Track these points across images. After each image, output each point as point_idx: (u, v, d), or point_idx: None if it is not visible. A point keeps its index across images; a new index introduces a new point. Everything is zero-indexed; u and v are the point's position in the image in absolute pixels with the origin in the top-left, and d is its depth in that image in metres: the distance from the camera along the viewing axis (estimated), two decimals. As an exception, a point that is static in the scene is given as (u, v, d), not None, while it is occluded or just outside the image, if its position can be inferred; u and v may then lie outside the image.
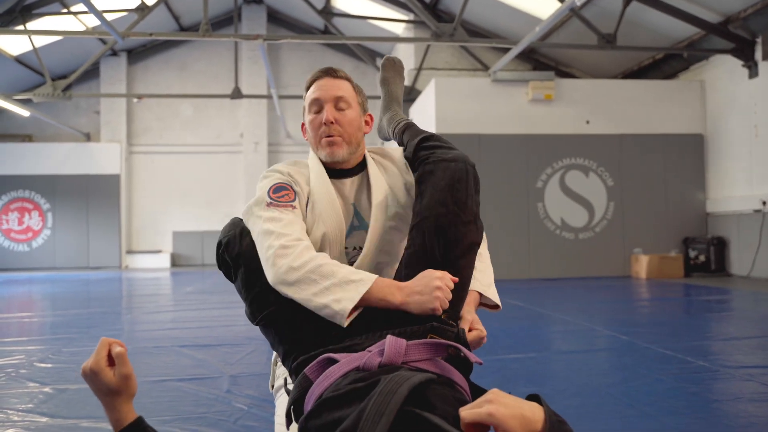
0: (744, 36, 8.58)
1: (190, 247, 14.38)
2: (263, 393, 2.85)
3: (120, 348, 1.32)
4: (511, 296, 6.94)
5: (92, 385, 1.32)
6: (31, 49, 11.17)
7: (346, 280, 1.52)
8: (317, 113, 1.80)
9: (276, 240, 1.58)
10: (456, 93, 9.71)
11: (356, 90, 1.86)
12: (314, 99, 1.80)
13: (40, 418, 2.55)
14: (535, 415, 1.15)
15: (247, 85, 14.26)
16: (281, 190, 1.72)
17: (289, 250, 1.55)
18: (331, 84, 1.80)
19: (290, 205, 1.69)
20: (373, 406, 1.16)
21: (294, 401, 1.44)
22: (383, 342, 1.40)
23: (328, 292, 1.50)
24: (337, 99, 1.79)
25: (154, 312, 6.21)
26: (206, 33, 8.31)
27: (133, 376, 1.32)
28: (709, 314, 5.57)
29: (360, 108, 1.86)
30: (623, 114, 9.87)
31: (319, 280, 1.51)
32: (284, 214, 1.66)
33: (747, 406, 2.55)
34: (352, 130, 1.80)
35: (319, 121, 1.79)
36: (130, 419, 1.32)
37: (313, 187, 1.77)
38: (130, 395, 1.32)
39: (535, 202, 9.69)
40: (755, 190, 8.70)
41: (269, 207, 1.67)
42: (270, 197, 1.70)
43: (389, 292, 1.52)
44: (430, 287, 1.51)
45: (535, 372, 3.29)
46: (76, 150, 14.17)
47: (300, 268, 1.53)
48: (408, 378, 1.24)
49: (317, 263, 1.54)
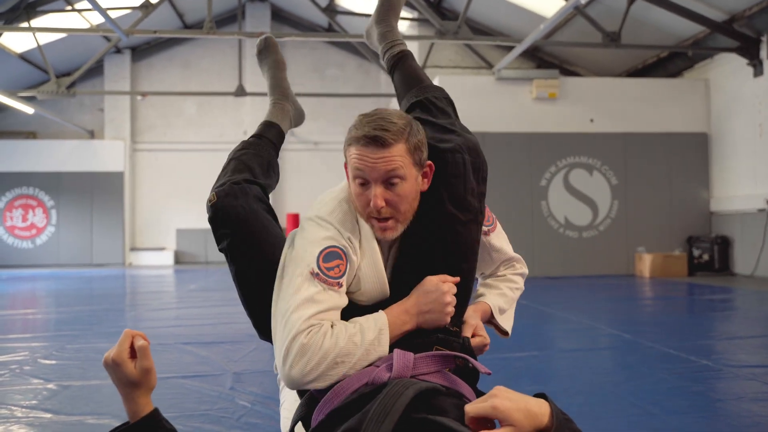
0: (749, 34, 8.55)
1: (194, 245, 14.39)
2: (266, 390, 2.86)
3: (143, 341, 1.34)
4: (515, 295, 6.92)
5: (113, 376, 1.33)
6: (35, 47, 11.16)
7: (367, 344, 1.39)
8: (364, 188, 1.48)
9: (299, 331, 1.36)
10: (460, 91, 9.69)
11: (411, 148, 1.48)
12: (358, 170, 1.46)
13: (44, 414, 2.55)
14: (541, 409, 1.15)
15: (250, 83, 14.26)
16: (334, 259, 1.45)
17: (305, 353, 1.35)
18: (379, 157, 1.44)
19: (337, 284, 1.44)
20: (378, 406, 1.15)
21: (300, 418, 1.43)
22: (391, 356, 1.38)
23: (357, 365, 1.38)
24: (386, 176, 1.45)
25: (157, 309, 6.22)
26: (210, 30, 8.31)
27: (154, 369, 1.34)
28: (713, 313, 5.56)
29: (416, 169, 1.50)
30: (627, 112, 9.85)
31: (345, 361, 1.36)
32: (327, 293, 1.42)
33: (750, 406, 2.54)
34: (407, 207, 1.49)
35: (366, 199, 1.48)
36: (146, 411, 1.32)
37: (363, 256, 1.52)
38: (149, 388, 1.33)
39: (539, 200, 9.68)
40: (759, 189, 8.67)
41: (314, 279, 1.42)
42: (319, 267, 1.43)
43: (402, 322, 1.45)
44: (441, 303, 1.45)
45: (538, 370, 3.29)
46: (79, 147, 14.19)
47: (318, 366, 1.35)
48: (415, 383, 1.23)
49: (337, 347, 1.36)
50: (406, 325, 1.45)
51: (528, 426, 1.13)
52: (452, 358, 1.42)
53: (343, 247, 1.47)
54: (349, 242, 1.49)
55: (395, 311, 1.46)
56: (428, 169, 1.55)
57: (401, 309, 1.47)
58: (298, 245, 1.48)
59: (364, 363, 1.38)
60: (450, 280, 1.50)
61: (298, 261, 1.45)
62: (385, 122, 1.45)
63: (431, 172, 1.56)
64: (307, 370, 1.34)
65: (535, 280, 9.05)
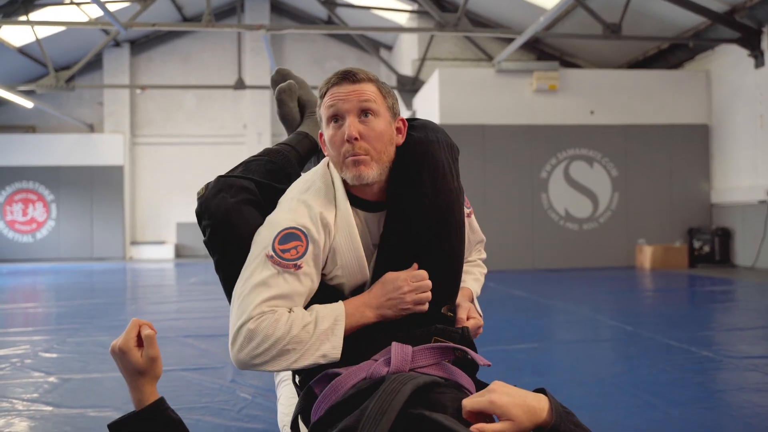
0: (750, 25, 8.52)
1: (194, 238, 14.37)
2: (267, 383, 2.86)
3: (149, 330, 1.34)
4: (515, 287, 6.93)
5: (119, 364, 1.34)
6: (33, 40, 11.14)
7: (320, 333, 1.39)
8: (338, 128, 1.50)
9: (246, 315, 1.37)
10: (460, 83, 9.67)
11: (383, 92, 1.54)
12: (333, 109, 1.49)
13: (45, 407, 2.56)
14: (539, 403, 1.15)
15: (250, 76, 14.22)
16: (291, 241, 1.44)
17: (252, 338, 1.36)
18: (351, 90, 1.48)
19: (293, 266, 1.42)
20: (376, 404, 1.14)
21: (299, 413, 1.42)
22: (389, 350, 1.38)
23: (309, 353, 1.38)
24: (361, 109, 1.48)
25: (158, 303, 6.22)
26: (209, 23, 8.28)
27: (160, 358, 1.35)
28: (714, 305, 5.56)
29: (389, 113, 1.53)
30: (628, 104, 9.82)
31: (296, 348, 1.37)
32: (282, 277, 1.41)
33: (751, 396, 2.54)
34: (382, 146, 1.49)
35: (340, 137, 1.48)
36: (152, 399, 1.34)
37: (338, 229, 1.50)
38: (154, 377, 1.35)
39: (540, 192, 9.66)
40: (760, 181, 8.66)
41: (269, 262, 1.42)
42: (274, 249, 1.42)
43: (361, 314, 1.45)
44: (398, 292, 1.45)
45: (539, 362, 3.29)
46: (79, 141, 14.17)
47: (267, 352, 1.36)
48: (413, 377, 1.23)
49: (285, 335, 1.36)
50: (364, 318, 1.45)
51: (526, 421, 1.13)
52: (451, 350, 1.42)
53: (303, 227, 1.45)
54: (320, 219, 1.47)
55: (355, 303, 1.47)
56: (401, 124, 1.57)
57: (361, 301, 1.47)
58: (262, 228, 1.49)
59: (316, 351, 1.38)
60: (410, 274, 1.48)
61: (257, 244, 1.46)
62: (356, 68, 1.52)
63: (404, 128, 1.57)
64: (255, 354, 1.36)
65: (535, 272, 9.05)
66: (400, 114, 1.59)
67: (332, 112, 1.49)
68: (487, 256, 1.92)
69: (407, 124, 1.60)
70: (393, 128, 1.55)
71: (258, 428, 2.26)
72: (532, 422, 1.13)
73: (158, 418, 1.33)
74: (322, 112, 1.54)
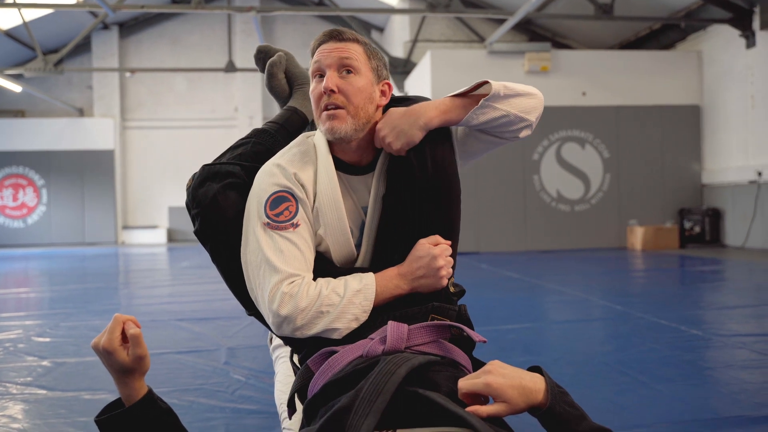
0: (741, 5, 8.51)
1: (186, 223, 14.32)
2: (261, 365, 2.87)
3: (135, 329, 1.28)
4: (507, 268, 6.97)
5: (105, 362, 1.30)
6: (21, 23, 11.01)
7: (350, 295, 1.41)
8: (319, 82, 1.52)
9: (276, 278, 1.41)
10: (452, 65, 9.64)
11: (369, 53, 1.55)
12: (317, 64, 1.52)
13: (39, 390, 2.56)
14: (536, 384, 1.16)
15: (241, 59, 14.11)
16: (280, 204, 1.47)
17: (292, 298, 1.39)
18: (335, 47, 1.51)
19: (290, 225, 1.46)
20: (371, 385, 1.14)
21: (297, 391, 1.43)
22: (385, 328, 1.38)
23: (342, 316, 1.40)
24: (341, 64, 1.49)
25: (150, 287, 6.22)
26: (199, 5, 8.21)
27: (148, 355, 1.30)
28: (703, 284, 5.61)
29: (373, 74, 1.54)
30: (620, 85, 9.82)
31: (329, 311, 1.40)
32: (284, 238, 1.44)
33: (739, 373, 2.58)
34: (360, 101, 1.49)
35: (319, 90, 1.50)
36: (141, 394, 1.31)
37: (319, 189, 1.51)
38: (142, 373, 1.31)
39: (531, 174, 9.68)
40: (751, 161, 8.70)
41: (267, 229, 1.45)
42: (267, 215, 1.46)
43: (394, 286, 1.46)
44: (433, 267, 1.45)
45: (531, 342, 3.32)
46: (69, 125, 14.07)
47: (305, 311, 1.39)
48: (408, 359, 1.23)
49: (321, 296, 1.40)
50: (398, 289, 1.46)
51: (522, 402, 1.14)
52: (447, 327, 1.43)
53: (285, 188, 1.48)
54: (295, 178, 1.49)
55: (388, 274, 1.47)
56: (387, 87, 1.58)
57: (394, 272, 1.47)
58: (249, 202, 1.52)
59: (347, 314, 1.40)
60: (442, 242, 1.49)
61: (249, 218, 1.49)
62: (344, 29, 1.54)
63: (390, 91, 1.59)
64: (294, 317, 1.38)
65: (527, 253, 9.09)
66: (388, 79, 1.59)
67: (316, 67, 1.52)
68: (480, 238, 1.92)
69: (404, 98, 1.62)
70: (376, 89, 1.55)
71: (252, 409, 2.28)
72: (527, 403, 1.14)
73: (149, 412, 1.31)
74: (310, 69, 1.57)
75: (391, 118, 1.52)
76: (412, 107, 1.53)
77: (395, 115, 1.52)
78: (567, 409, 1.15)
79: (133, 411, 1.30)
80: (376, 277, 1.46)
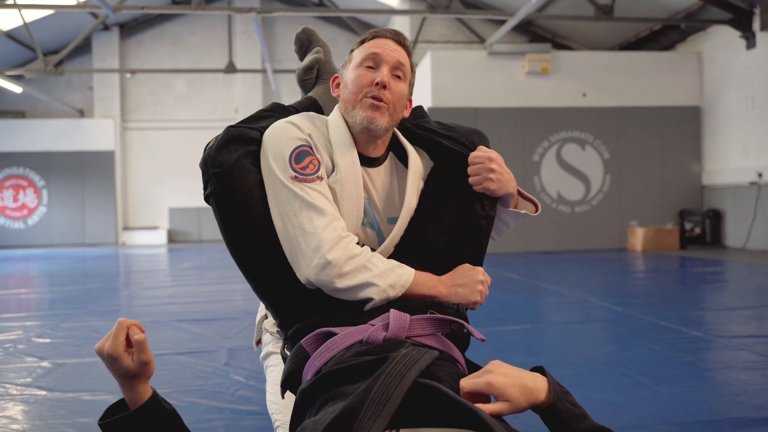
0: (742, 6, 8.51)
1: (187, 224, 14.36)
2: (260, 366, 2.86)
3: (139, 335, 1.26)
4: (508, 269, 6.96)
5: (109, 367, 1.29)
6: (21, 24, 11.02)
7: (390, 265, 1.45)
8: (370, 70, 1.55)
9: (325, 220, 1.43)
10: (452, 66, 9.64)
11: (413, 68, 1.65)
12: (373, 53, 1.55)
13: (39, 391, 2.56)
14: (537, 384, 1.16)
15: (241, 60, 14.12)
16: (304, 158, 1.49)
17: (344, 242, 1.42)
18: (396, 49, 1.57)
19: (317, 178, 1.48)
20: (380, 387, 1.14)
21: (290, 372, 1.42)
22: (386, 315, 1.37)
23: (382, 276, 1.42)
24: (397, 65, 1.56)
25: (151, 288, 6.22)
26: (199, 6, 8.21)
27: (153, 360, 1.28)
28: (704, 286, 5.61)
29: (408, 88, 1.63)
30: (620, 86, 9.82)
31: (371, 268, 1.42)
32: (314, 190, 1.46)
33: (740, 375, 2.58)
34: (399, 106, 1.57)
35: (370, 78, 1.54)
36: (146, 397, 1.30)
37: (339, 163, 1.53)
38: (147, 377, 1.30)
39: (532, 175, 9.68)
40: (751, 162, 8.70)
41: (296, 182, 1.45)
42: (294, 169, 1.47)
43: (432, 285, 1.49)
44: (474, 281, 1.50)
45: (531, 343, 3.32)
46: (69, 126, 14.07)
47: (354, 258, 1.41)
48: (416, 360, 1.23)
49: (367, 252, 1.44)
50: (434, 290, 1.49)
51: (523, 402, 1.14)
52: (447, 322, 1.43)
53: (304, 141, 1.50)
54: (311, 140, 1.52)
55: (429, 275, 1.51)
56: (409, 103, 1.67)
57: (432, 275, 1.51)
58: (267, 160, 1.51)
59: (388, 279, 1.43)
60: (486, 274, 1.55)
61: (274, 178, 1.48)
62: (403, 34, 1.63)
63: (410, 107, 1.68)
64: (346, 259, 1.40)
65: (527, 254, 9.08)
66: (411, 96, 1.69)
67: (371, 55, 1.55)
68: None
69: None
70: (406, 101, 1.63)
71: (251, 410, 2.27)
72: (528, 403, 1.15)
73: (154, 415, 1.30)
74: (359, 53, 1.58)
75: (505, 168, 1.65)
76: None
77: (505, 170, 1.65)
78: (569, 407, 1.15)
79: (137, 414, 1.29)
80: (416, 272, 1.49)
